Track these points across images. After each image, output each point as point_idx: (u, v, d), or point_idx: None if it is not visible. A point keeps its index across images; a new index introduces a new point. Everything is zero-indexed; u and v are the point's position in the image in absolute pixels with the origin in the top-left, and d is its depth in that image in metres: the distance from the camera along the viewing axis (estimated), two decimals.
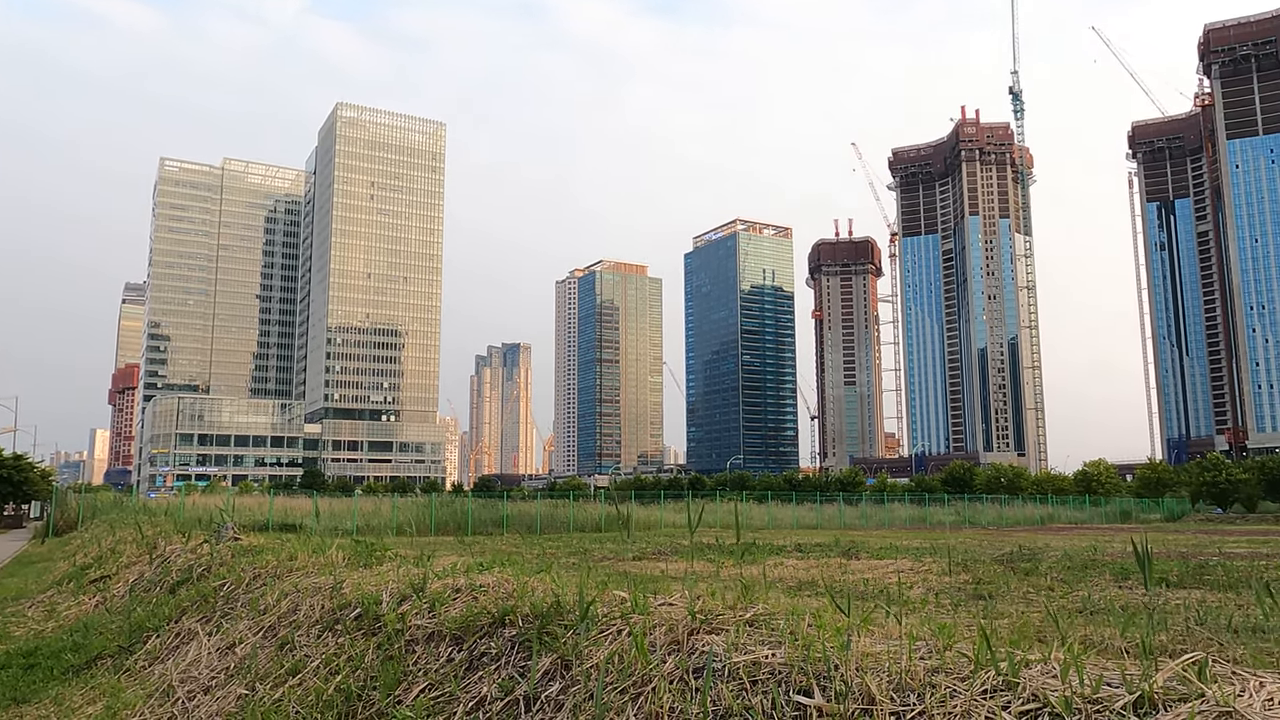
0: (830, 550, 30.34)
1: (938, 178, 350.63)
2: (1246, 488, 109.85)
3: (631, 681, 4.51)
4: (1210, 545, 35.35)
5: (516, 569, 7.63)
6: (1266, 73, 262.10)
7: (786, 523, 67.06)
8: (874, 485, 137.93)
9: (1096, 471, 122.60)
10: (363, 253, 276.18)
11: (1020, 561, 24.13)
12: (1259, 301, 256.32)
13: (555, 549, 30.52)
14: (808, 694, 3.83)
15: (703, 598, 5.36)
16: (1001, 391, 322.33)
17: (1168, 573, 19.99)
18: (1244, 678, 3.26)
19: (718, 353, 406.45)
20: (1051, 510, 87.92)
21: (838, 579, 19.21)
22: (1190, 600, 15.17)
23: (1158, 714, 3.06)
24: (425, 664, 5.96)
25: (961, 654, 3.81)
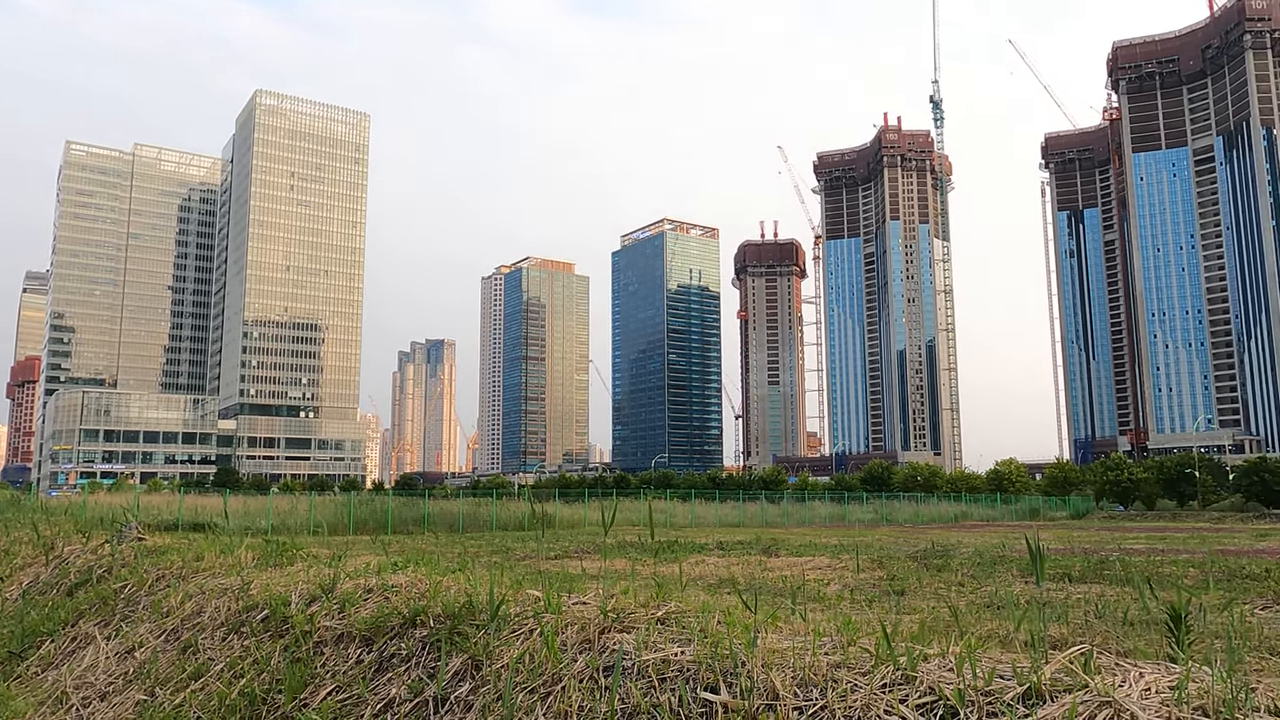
0: (751, 548, 30.70)
1: (861, 182, 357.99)
2: (1146, 486, 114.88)
3: (542, 681, 4.49)
4: (1112, 542, 36.87)
5: (431, 568, 7.53)
6: (1169, 90, 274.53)
7: (710, 521, 67.64)
8: (796, 484, 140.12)
9: (1008, 470, 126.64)
10: (282, 244, 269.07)
11: (933, 558, 24.79)
12: (1160, 309, 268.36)
13: (477, 548, 30.22)
14: (714, 690, 3.87)
15: (616, 596, 5.37)
16: (919, 392, 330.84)
17: (1071, 568, 20.77)
18: (1125, 669, 3.41)
19: (644, 351, 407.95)
20: (965, 508, 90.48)
21: (757, 576, 19.45)
22: (1091, 594, 15.79)
23: (1045, 705, 3.18)
24: (334, 666, 5.84)
25: (864, 649, 3.89)
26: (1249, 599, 15.12)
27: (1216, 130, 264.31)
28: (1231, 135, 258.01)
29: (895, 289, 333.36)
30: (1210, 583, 17.84)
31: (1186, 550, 29.66)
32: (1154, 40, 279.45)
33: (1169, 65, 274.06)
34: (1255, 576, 18.59)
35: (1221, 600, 14.81)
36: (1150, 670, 3.38)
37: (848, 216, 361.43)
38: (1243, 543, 35.90)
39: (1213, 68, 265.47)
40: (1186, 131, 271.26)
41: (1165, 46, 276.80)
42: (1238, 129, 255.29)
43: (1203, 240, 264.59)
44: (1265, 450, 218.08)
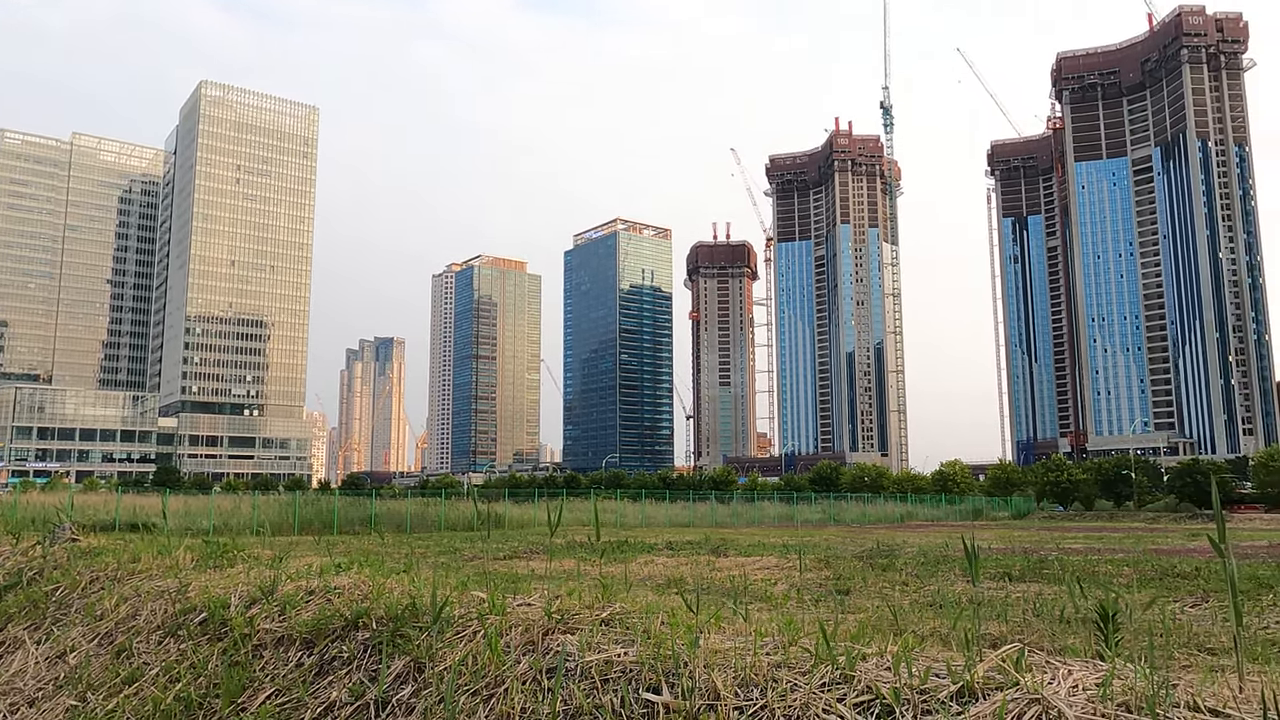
0: (700, 548, 30.85)
1: (812, 186, 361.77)
2: (1085, 487, 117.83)
3: (485, 683, 4.47)
4: (1051, 541, 37.76)
5: (375, 570, 7.45)
6: (1110, 101, 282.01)
7: (660, 521, 67.83)
8: (745, 484, 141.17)
9: (952, 471, 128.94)
10: (226, 239, 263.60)
11: (878, 558, 25.15)
12: (1099, 314, 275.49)
13: (424, 548, 29.93)
14: (656, 691, 3.89)
15: (561, 597, 5.37)
16: (868, 394, 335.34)
17: (1011, 567, 21.23)
18: (1055, 667, 3.51)
19: (596, 351, 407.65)
20: (910, 508, 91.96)
21: (705, 576, 19.56)
22: (1030, 593, 16.16)
23: (977, 702, 3.25)
24: (273, 669, 5.75)
25: (804, 649, 3.94)
26: (1179, 597, 15.60)
27: (1155, 141, 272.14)
28: (1169, 146, 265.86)
29: (845, 292, 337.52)
30: (1135, 583, 18.36)
31: (1122, 550, 30.49)
32: (1096, 52, 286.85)
33: (1110, 77, 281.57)
34: (1186, 575, 19.17)
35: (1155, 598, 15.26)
36: (1079, 668, 3.48)
37: (799, 219, 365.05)
38: (1175, 542, 37.01)
39: (1152, 80, 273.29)
40: (1126, 142, 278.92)
41: (1107, 59, 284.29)
42: (1175, 140, 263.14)
43: (1141, 248, 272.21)
44: (1198, 453, 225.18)
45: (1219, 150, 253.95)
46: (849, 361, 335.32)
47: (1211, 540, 3.35)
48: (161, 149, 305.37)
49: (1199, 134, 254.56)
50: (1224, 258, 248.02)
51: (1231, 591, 3.36)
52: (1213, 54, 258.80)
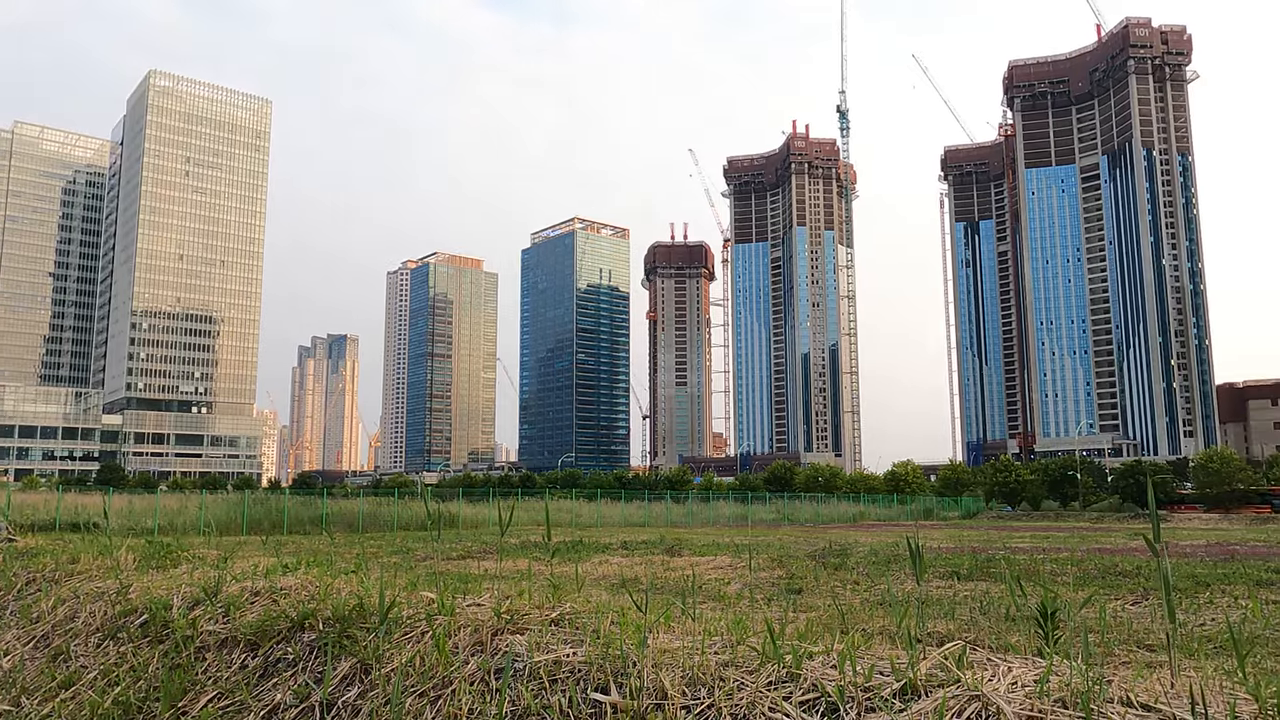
0: (655, 547, 30.93)
1: (769, 188, 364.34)
2: (1032, 488, 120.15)
3: (432, 684, 4.44)
4: (998, 540, 38.47)
5: (323, 570, 7.35)
6: (1060, 109, 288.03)
7: (615, 520, 67.82)
8: (701, 484, 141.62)
9: (905, 472, 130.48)
10: (175, 232, 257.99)
11: (831, 557, 25.41)
12: (1048, 318, 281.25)
13: (376, 548, 29.60)
14: (604, 691, 3.89)
15: (511, 598, 5.35)
16: (822, 395, 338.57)
17: (960, 566, 21.60)
18: (996, 664, 3.57)
19: (553, 350, 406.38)
20: (863, 508, 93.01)
21: (660, 576, 19.61)
22: (977, 592, 16.46)
23: (920, 699, 3.30)
24: (216, 672, 5.64)
25: (752, 648, 3.97)
26: (1120, 595, 16.00)
27: (1102, 149, 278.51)
28: (1116, 155, 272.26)
29: (801, 293, 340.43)
30: (1078, 582, 18.79)
31: (1067, 549, 31.16)
32: (1046, 61, 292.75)
33: (1060, 86, 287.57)
34: (1127, 573, 19.67)
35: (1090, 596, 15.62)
36: (1019, 665, 3.54)
37: (756, 221, 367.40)
38: (1118, 541, 37.89)
39: (1099, 90, 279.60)
40: (1075, 150, 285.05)
41: (1057, 68, 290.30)
42: (1121, 149, 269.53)
43: (1088, 254, 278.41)
44: (1141, 454, 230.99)
45: (1163, 159, 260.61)
46: (804, 362, 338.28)
47: (1147, 540, 3.44)
48: (108, 139, 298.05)
49: (1144, 143, 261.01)
50: (1167, 264, 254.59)
51: (1165, 590, 3.45)
52: (1158, 66, 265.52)
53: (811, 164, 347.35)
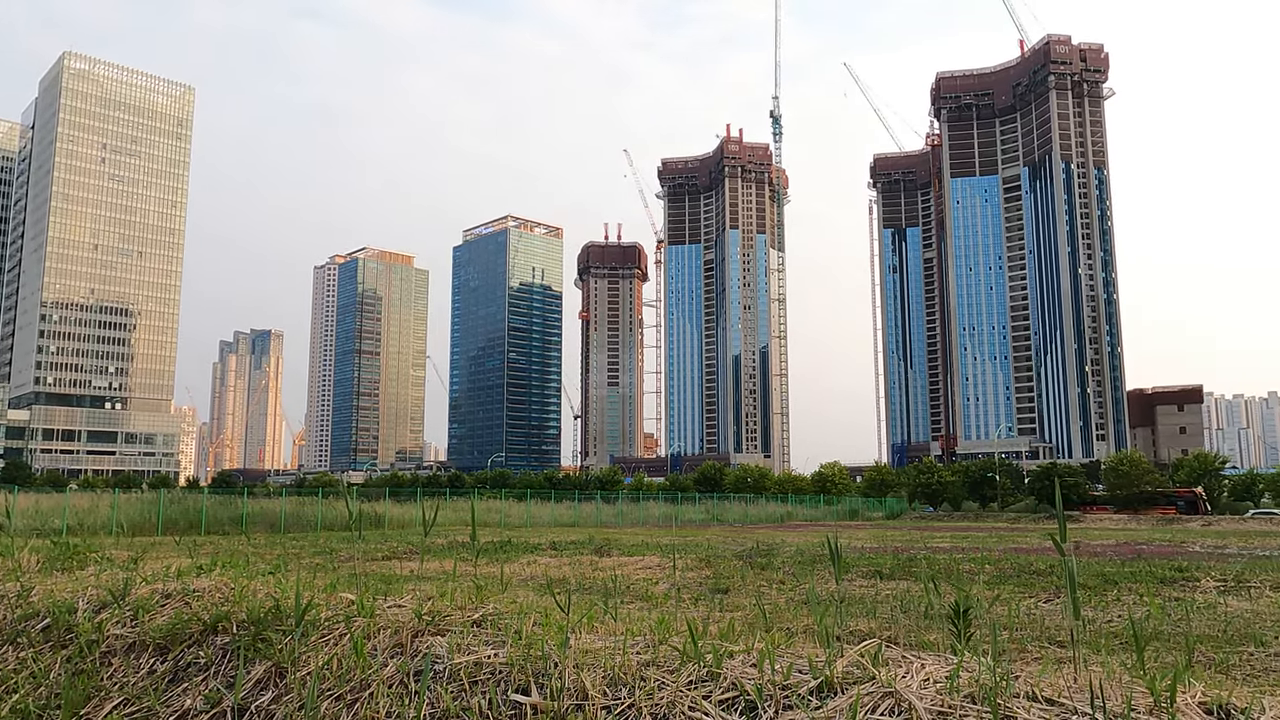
0: (584, 548, 30.89)
1: (703, 190, 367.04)
2: (953, 489, 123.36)
3: (349, 687, 4.35)
4: (920, 540, 39.39)
5: (239, 571, 7.15)
6: (984, 121, 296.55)
7: (545, 520, 67.54)
8: (631, 484, 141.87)
9: (831, 473, 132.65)
10: (89, 221, 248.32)
11: (758, 557, 25.69)
12: (970, 324, 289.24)
13: (299, 549, 28.95)
14: (525, 692, 3.86)
15: (433, 599, 5.28)
16: (753, 396, 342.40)
17: (882, 566, 22.06)
18: (910, 660, 3.66)
19: (484, 349, 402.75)
20: (791, 509, 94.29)
21: (588, 576, 19.59)
22: (898, 590, 16.84)
23: (836, 697, 3.35)
24: (122, 678, 5.44)
25: (674, 648, 3.99)
26: (1034, 593, 16.53)
27: (1023, 161, 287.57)
28: (1036, 167, 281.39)
29: (732, 296, 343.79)
30: (994, 580, 19.35)
31: (984, 548, 32.07)
32: (972, 74, 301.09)
33: (985, 98, 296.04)
34: (1041, 572, 20.32)
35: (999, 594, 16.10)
36: (932, 661, 3.63)
37: (690, 223, 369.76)
38: (1033, 541, 39.12)
39: (1022, 104, 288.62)
40: (998, 161, 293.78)
41: (982, 80, 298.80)
42: (1041, 161, 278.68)
43: (1009, 262, 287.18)
44: (1056, 457, 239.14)
45: (1080, 172, 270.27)
46: (735, 364, 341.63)
47: (1054, 540, 3.56)
48: (18, 122, 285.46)
49: (1063, 156, 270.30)
50: (1083, 274, 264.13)
51: (1070, 588, 3.56)
52: (1077, 82, 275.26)
53: (745, 168, 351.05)
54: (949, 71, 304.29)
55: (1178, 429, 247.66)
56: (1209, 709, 3.00)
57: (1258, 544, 37.61)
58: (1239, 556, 28.37)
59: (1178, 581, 18.39)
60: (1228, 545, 36.57)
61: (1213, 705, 3.02)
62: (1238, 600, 15.29)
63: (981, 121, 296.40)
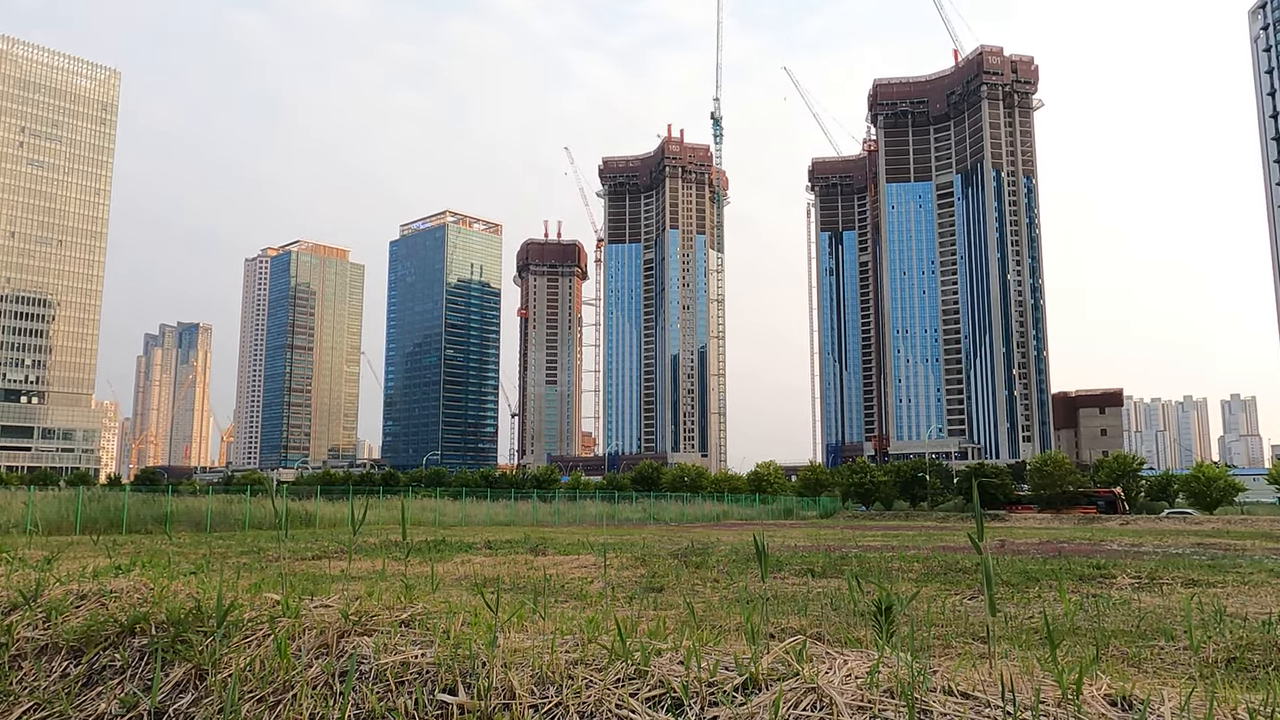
0: (520, 547, 30.73)
1: (644, 190, 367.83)
2: (885, 488, 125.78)
3: (272, 689, 4.27)
4: (852, 539, 40.08)
5: (159, 571, 6.96)
6: (919, 128, 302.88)
7: (480, 519, 67.03)
8: (569, 483, 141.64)
9: (767, 472, 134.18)
10: (5, 208, 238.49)
11: (692, 556, 25.85)
12: (903, 326, 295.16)
13: (225, 549, 28.25)
14: (452, 692, 3.84)
15: (361, 599, 5.21)
16: (690, 396, 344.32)
17: (815, 564, 22.39)
18: (834, 657, 3.73)
19: (420, 345, 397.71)
20: (727, 508, 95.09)
21: (523, 575, 19.50)
22: (830, 588, 17.12)
23: (760, 693, 3.41)
24: (33, 682, 5.25)
25: (603, 646, 4.00)
26: (960, 590, 16.95)
27: (956, 169, 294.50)
28: (968, 174, 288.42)
29: (672, 296, 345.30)
30: (922, 578, 19.80)
31: (914, 546, 32.78)
32: (908, 82, 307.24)
33: (920, 106, 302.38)
34: (967, 570, 20.84)
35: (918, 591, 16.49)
36: (854, 657, 3.71)
37: (630, 222, 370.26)
38: (960, 540, 40.09)
39: (956, 112, 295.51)
40: (932, 167, 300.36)
41: (918, 88, 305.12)
42: (974, 169, 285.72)
43: (941, 267, 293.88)
44: (984, 457, 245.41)
45: (1010, 181, 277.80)
46: (674, 364, 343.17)
47: (972, 539, 3.66)
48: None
49: (994, 164, 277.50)
50: (1011, 280, 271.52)
51: (987, 586, 3.67)
52: (1008, 92, 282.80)
53: (685, 168, 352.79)
54: (886, 79, 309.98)
55: (1099, 431, 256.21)
56: (1113, 700, 3.13)
57: (1171, 542, 39.12)
58: (1153, 554, 29.49)
59: (1096, 578, 19.03)
60: (1143, 543, 37.96)
61: (1117, 697, 3.15)
62: (1150, 596, 15.88)
63: (916, 128, 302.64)
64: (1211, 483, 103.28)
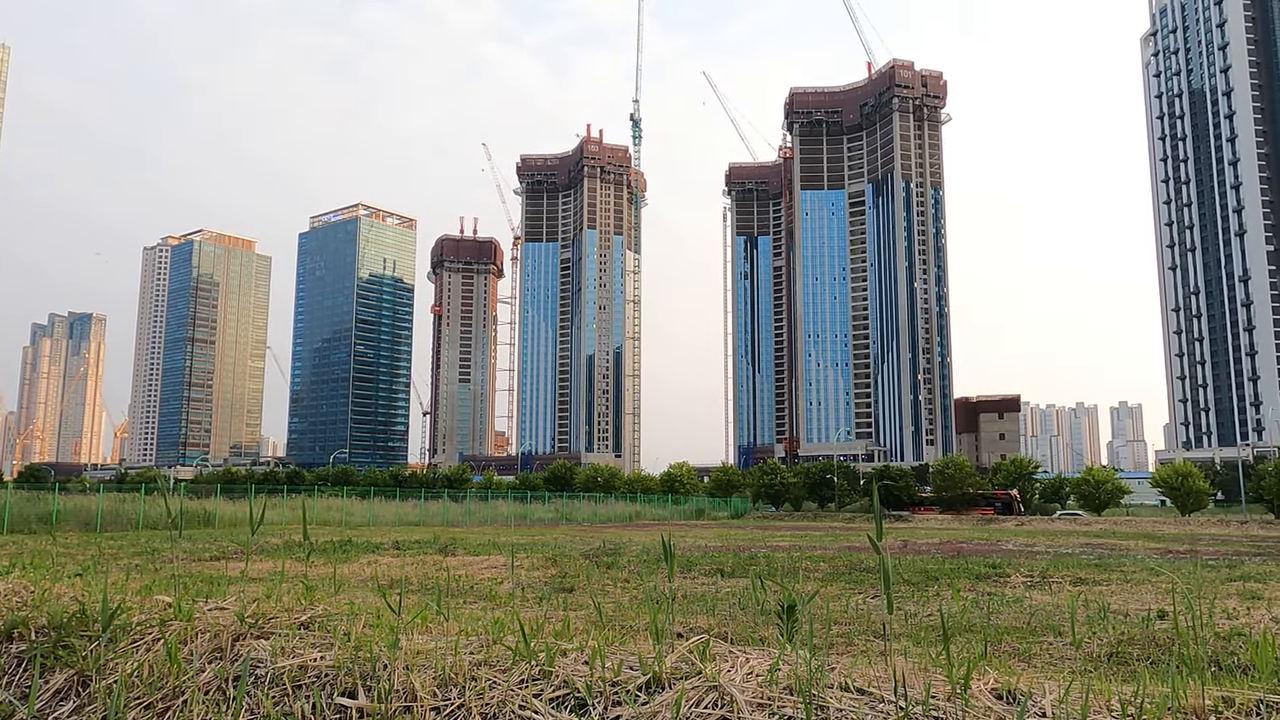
0: (429, 547, 30.28)
1: (562, 189, 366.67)
2: (795, 490, 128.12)
3: (161, 695, 4.11)
4: (762, 539, 40.72)
5: (41, 573, 6.63)
6: (833, 137, 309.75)
7: (389, 519, 65.77)
8: (481, 482, 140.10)
9: (680, 473, 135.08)
10: None
11: (604, 556, 25.89)
12: (815, 331, 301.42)
13: (117, 549, 27.05)
14: (352, 695, 3.77)
15: (258, 600, 5.06)
16: (605, 396, 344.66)
17: (725, 564, 22.68)
18: (736, 655, 3.79)
19: (329, 341, 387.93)
20: (640, 508, 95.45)
21: (431, 576, 19.21)
22: (739, 588, 17.35)
23: (663, 691, 3.44)
24: None
25: (507, 647, 3.98)
26: (864, 589, 17.40)
27: (868, 178, 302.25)
28: (879, 184, 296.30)
29: (588, 296, 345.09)
30: (828, 577, 20.26)
31: (821, 547, 33.50)
32: (824, 91, 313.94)
33: (835, 115, 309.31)
34: (871, 569, 21.40)
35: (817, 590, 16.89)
36: (756, 656, 3.78)
37: (547, 221, 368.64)
38: (865, 540, 41.06)
39: (868, 123, 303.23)
40: (845, 176, 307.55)
41: (833, 98, 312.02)
42: (884, 179, 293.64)
43: (852, 274, 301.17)
44: (890, 460, 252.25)
45: (919, 191, 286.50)
46: (589, 364, 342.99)
47: (871, 541, 3.76)
48: None
49: (904, 175, 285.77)
50: (919, 287, 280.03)
51: (885, 585, 3.78)
52: (918, 106, 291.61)
53: (604, 169, 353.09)
54: (803, 88, 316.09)
55: (998, 435, 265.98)
56: (999, 694, 3.27)
57: (1062, 543, 40.89)
58: (1045, 554, 30.79)
59: (991, 577, 19.76)
60: (1037, 544, 39.59)
61: (1002, 690, 3.29)
62: (1042, 594, 16.57)
63: (831, 137, 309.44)
64: (1100, 486, 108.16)
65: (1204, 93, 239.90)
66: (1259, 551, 33.94)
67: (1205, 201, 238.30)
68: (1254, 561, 26.63)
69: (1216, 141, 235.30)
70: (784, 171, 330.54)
